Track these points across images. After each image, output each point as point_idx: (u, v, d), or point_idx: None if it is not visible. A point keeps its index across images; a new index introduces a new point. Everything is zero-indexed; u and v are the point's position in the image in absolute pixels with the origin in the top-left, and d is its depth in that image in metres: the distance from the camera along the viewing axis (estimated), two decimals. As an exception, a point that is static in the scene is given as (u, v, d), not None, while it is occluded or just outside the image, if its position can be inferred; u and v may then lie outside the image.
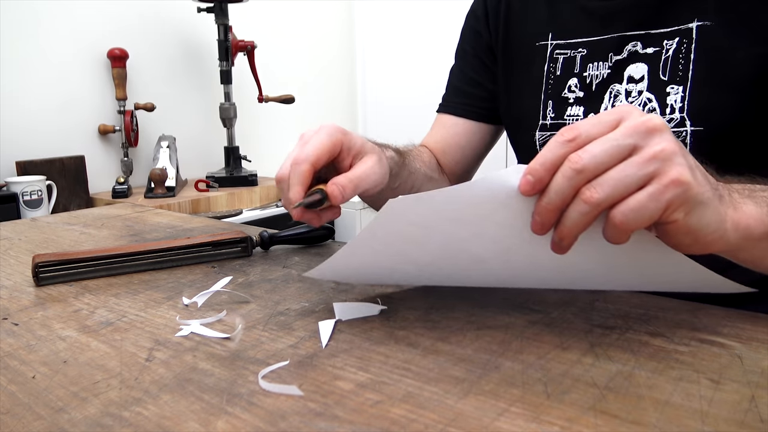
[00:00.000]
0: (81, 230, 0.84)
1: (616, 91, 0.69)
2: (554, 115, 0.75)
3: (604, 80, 0.70)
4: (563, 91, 0.74)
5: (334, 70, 2.53)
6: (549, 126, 0.76)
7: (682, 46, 0.65)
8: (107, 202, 1.63)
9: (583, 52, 0.72)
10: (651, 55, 0.67)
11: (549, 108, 0.75)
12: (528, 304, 0.49)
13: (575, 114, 0.73)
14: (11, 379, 0.39)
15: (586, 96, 0.72)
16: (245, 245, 0.67)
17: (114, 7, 1.78)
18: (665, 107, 0.65)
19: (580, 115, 0.72)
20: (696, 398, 0.34)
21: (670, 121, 0.65)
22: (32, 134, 1.64)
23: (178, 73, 1.96)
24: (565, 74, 0.74)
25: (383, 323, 0.46)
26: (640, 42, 0.67)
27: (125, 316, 0.50)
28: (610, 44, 0.70)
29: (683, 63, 0.64)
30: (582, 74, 0.72)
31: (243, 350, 0.42)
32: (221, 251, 0.66)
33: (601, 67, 0.70)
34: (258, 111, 2.16)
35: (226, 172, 1.89)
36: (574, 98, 0.73)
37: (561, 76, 0.74)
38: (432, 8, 2.31)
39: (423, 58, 2.35)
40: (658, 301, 0.49)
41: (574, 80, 0.73)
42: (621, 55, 0.69)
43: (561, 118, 0.74)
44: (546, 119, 0.76)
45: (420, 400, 0.35)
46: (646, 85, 0.67)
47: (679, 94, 0.65)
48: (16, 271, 0.64)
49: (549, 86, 0.75)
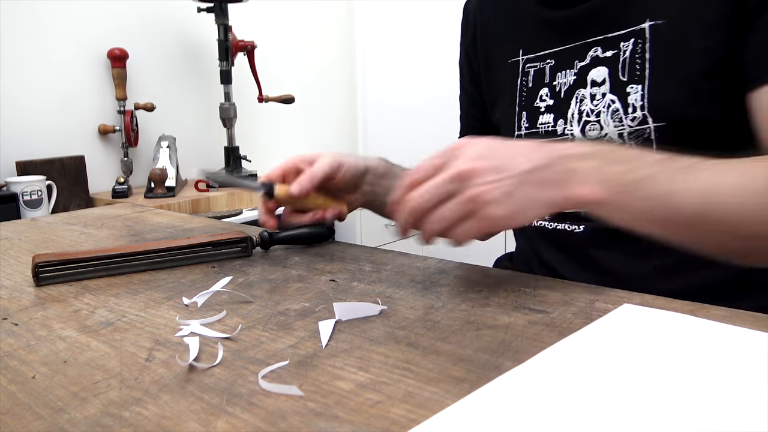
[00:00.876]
0: (81, 230, 0.84)
1: (582, 95, 0.72)
2: (528, 125, 0.78)
3: (570, 87, 0.73)
4: (535, 101, 0.77)
5: (334, 70, 2.53)
6: (524, 135, 0.79)
7: (637, 46, 0.67)
8: (107, 202, 1.63)
9: (552, 63, 0.75)
10: (610, 58, 0.69)
11: (523, 119, 0.79)
12: (528, 304, 0.49)
13: (546, 121, 0.76)
14: (11, 379, 0.39)
15: (556, 103, 0.75)
16: (245, 245, 0.67)
17: (114, 7, 1.78)
18: (627, 107, 0.68)
19: (551, 122, 0.75)
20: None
21: (633, 119, 0.67)
22: (32, 134, 1.64)
23: (178, 73, 1.96)
24: (537, 85, 0.77)
25: (383, 323, 0.46)
26: (600, 47, 0.70)
27: (125, 316, 0.50)
28: (574, 52, 0.72)
29: (640, 63, 0.67)
30: (552, 83, 0.75)
31: (243, 350, 0.42)
32: (221, 251, 0.66)
33: (568, 75, 0.73)
34: (258, 111, 2.16)
35: (226, 172, 1.89)
36: (545, 107, 0.76)
37: (532, 88, 0.78)
38: (432, 9, 2.30)
39: (423, 58, 2.35)
40: (659, 301, 0.49)
41: (545, 90, 0.76)
42: (584, 61, 0.71)
43: (534, 126, 0.77)
44: (521, 129, 0.79)
45: (420, 400, 0.35)
46: (609, 87, 0.69)
47: (638, 93, 0.66)
48: (16, 271, 0.64)
49: (522, 98, 0.79)
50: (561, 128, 0.74)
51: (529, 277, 0.57)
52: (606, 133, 0.69)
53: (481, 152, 0.50)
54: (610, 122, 0.69)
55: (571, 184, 0.50)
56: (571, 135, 0.72)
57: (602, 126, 0.70)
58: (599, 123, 0.70)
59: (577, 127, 0.72)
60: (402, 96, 2.45)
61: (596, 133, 0.70)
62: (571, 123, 0.73)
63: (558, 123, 0.74)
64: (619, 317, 0.45)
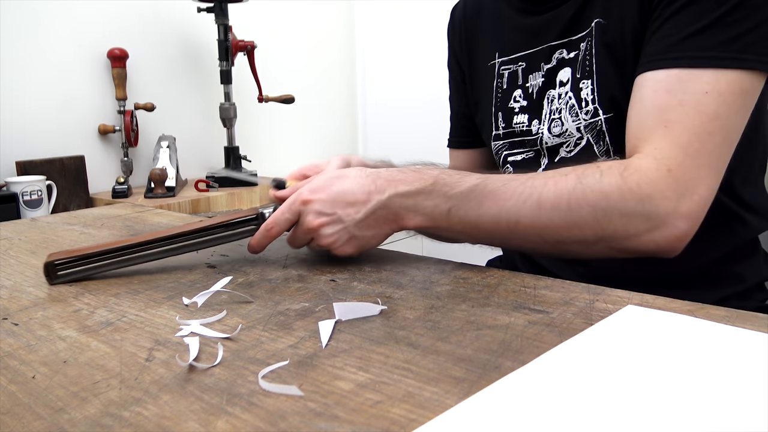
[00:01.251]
0: (81, 230, 0.84)
1: (552, 95, 0.75)
2: (504, 124, 0.81)
3: (540, 88, 0.76)
4: (509, 102, 0.80)
5: (334, 70, 2.52)
6: (501, 135, 0.82)
7: (590, 45, 0.70)
8: (107, 202, 1.63)
9: (523, 65, 0.79)
10: (572, 59, 0.72)
11: (500, 119, 0.82)
12: (528, 304, 0.49)
13: (521, 121, 0.79)
14: (11, 379, 0.39)
15: (529, 104, 0.78)
16: (259, 222, 0.64)
17: (114, 7, 1.77)
18: (581, 101, 0.71)
19: (525, 122, 0.78)
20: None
21: (587, 113, 0.70)
22: (32, 134, 1.63)
23: (178, 73, 1.96)
24: (511, 87, 0.80)
25: (383, 323, 0.46)
26: (565, 49, 0.73)
27: (125, 316, 0.50)
28: (542, 55, 0.76)
29: (589, 59, 0.70)
30: (525, 85, 0.78)
31: (243, 350, 0.42)
32: (237, 231, 0.64)
33: (537, 77, 0.77)
34: (258, 111, 2.16)
35: (226, 172, 1.89)
36: (519, 107, 0.79)
37: (507, 89, 0.81)
38: (432, 9, 2.30)
39: (423, 58, 2.35)
40: (659, 301, 0.49)
41: (519, 91, 0.79)
42: (551, 63, 0.75)
43: (510, 126, 0.80)
44: (498, 129, 0.82)
45: (420, 400, 0.35)
46: (570, 86, 0.73)
47: (589, 88, 0.70)
48: (16, 271, 0.64)
49: (498, 99, 0.82)
50: (536, 128, 0.77)
51: (529, 277, 0.57)
52: (566, 128, 0.73)
53: (318, 186, 0.60)
54: (569, 117, 0.72)
55: (399, 219, 0.61)
56: (541, 133, 0.76)
57: (563, 122, 0.73)
58: (560, 120, 0.73)
59: (546, 125, 0.75)
60: (402, 96, 2.45)
61: (559, 129, 0.74)
62: (544, 123, 0.76)
63: (533, 123, 0.77)
64: (622, 319, 0.45)
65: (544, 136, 0.76)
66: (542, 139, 0.76)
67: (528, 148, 0.79)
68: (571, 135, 0.73)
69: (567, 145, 0.74)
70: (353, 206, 0.59)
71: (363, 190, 0.59)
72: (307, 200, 0.60)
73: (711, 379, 0.36)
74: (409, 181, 0.60)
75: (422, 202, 0.59)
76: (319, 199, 0.59)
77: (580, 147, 0.72)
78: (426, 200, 0.59)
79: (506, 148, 0.82)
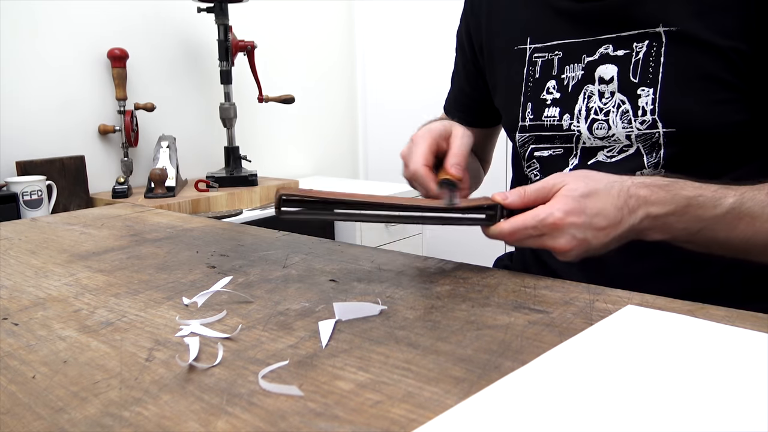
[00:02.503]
0: (81, 230, 0.84)
1: (590, 92, 0.71)
2: (533, 116, 0.77)
3: (579, 81, 0.72)
4: (542, 93, 0.76)
5: (335, 70, 2.52)
6: (528, 127, 0.78)
7: (651, 49, 0.66)
8: (107, 202, 1.63)
9: (560, 55, 0.74)
10: (621, 58, 0.68)
11: (528, 110, 0.78)
12: (528, 304, 0.49)
13: (552, 115, 0.75)
14: (11, 379, 0.39)
15: (562, 97, 0.74)
16: (493, 213, 0.59)
17: (114, 7, 1.77)
18: (637, 109, 0.67)
19: (556, 116, 0.74)
20: (696, 398, 0.34)
21: (642, 123, 0.67)
22: (32, 134, 1.63)
23: (178, 73, 1.96)
24: (544, 77, 0.76)
25: (383, 323, 0.46)
26: (611, 44, 0.69)
27: (125, 316, 0.50)
28: (583, 46, 0.72)
29: (653, 66, 0.66)
30: (560, 76, 0.74)
31: (243, 350, 0.42)
32: (467, 216, 0.60)
33: (576, 69, 0.73)
34: (258, 111, 2.16)
35: (226, 172, 1.89)
36: (552, 99, 0.75)
37: (539, 79, 0.76)
38: (432, 9, 2.31)
39: (423, 59, 2.35)
40: (659, 301, 0.49)
41: (552, 82, 0.75)
42: (593, 57, 0.71)
43: (539, 119, 0.76)
44: (525, 121, 0.78)
45: (420, 400, 0.35)
46: (617, 86, 0.69)
47: (650, 97, 0.66)
48: (16, 271, 0.64)
49: (528, 89, 0.77)
50: (567, 123, 0.73)
51: (529, 277, 0.57)
52: (613, 133, 0.69)
53: (573, 208, 0.55)
54: (619, 123, 0.69)
55: (641, 235, 0.58)
56: (578, 131, 0.72)
57: (610, 126, 0.69)
58: (607, 122, 0.70)
59: (584, 124, 0.72)
60: (402, 96, 2.45)
61: (604, 132, 0.70)
62: (578, 119, 0.72)
63: (564, 117, 0.74)
64: (622, 319, 0.45)
65: (582, 135, 0.72)
66: (578, 137, 0.73)
67: (557, 144, 0.75)
68: (618, 141, 0.69)
69: (609, 150, 0.71)
70: (604, 230, 0.56)
71: (616, 213, 0.56)
72: (560, 224, 0.55)
73: (711, 379, 0.36)
74: (662, 202, 0.57)
75: (672, 224, 0.58)
76: (574, 224, 0.55)
77: (626, 154, 0.69)
78: (677, 222, 0.58)
79: (532, 142, 0.78)
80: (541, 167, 0.78)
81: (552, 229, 0.55)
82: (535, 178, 0.78)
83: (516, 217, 0.56)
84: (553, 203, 0.56)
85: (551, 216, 0.55)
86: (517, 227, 0.56)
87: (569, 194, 0.55)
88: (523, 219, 0.56)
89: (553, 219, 0.55)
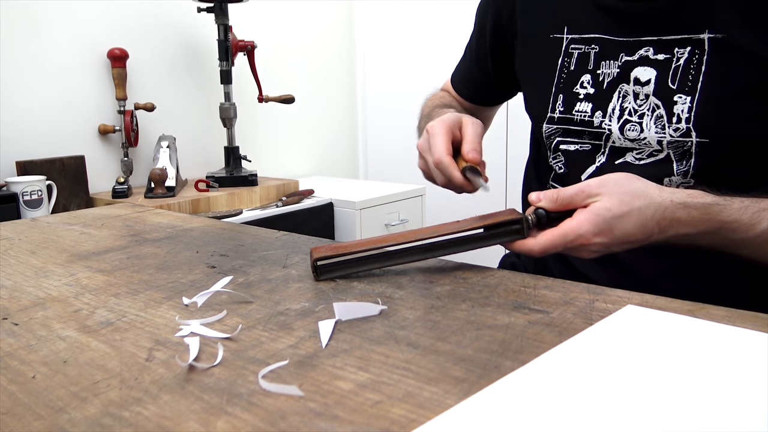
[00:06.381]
0: (81, 230, 0.84)
1: (625, 91, 0.70)
2: (563, 109, 0.75)
3: (614, 79, 0.71)
4: (575, 86, 0.74)
5: (335, 70, 2.52)
6: (557, 119, 0.76)
7: (693, 56, 0.65)
8: (107, 202, 1.63)
9: (596, 49, 0.72)
10: (661, 62, 0.67)
11: (559, 102, 0.76)
12: (528, 304, 0.49)
13: (583, 110, 0.73)
14: (11, 379, 0.39)
15: (597, 93, 0.72)
16: (520, 227, 0.59)
17: (114, 7, 1.77)
18: (672, 116, 0.66)
19: (588, 112, 0.73)
20: (696, 398, 0.34)
21: (676, 130, 0.66)
22: (32, 134, 1.63)
23: (178, 73, 1.96)
24: (579, 70, 0.74)
25: (383, 323, 0.46)
26: (652, 47, 0.68)
27: (125, 316, 0.50)
28: (623, 45, 0.70)
29: (693, 74, 0.65)
30: (595, 71, 0.72)
31: (243, 350, 0.42)
32: (495, 232, 0.60)
33: (612, 66, 0.71)
34: (258, 111, 2.16)
35: (226, 172, 1.89)
36: (585, 94, 0.73)
37: (574, 72, 0.74)
38: (432, 9, 2.30)
39: (423, 59, 2.35)
40: (659, 301, 0.49)
41: (588, 76, 0.73)
42: (632, 57, 0.69)
43: (570, 112, 0.75)
44: (555, 112, 0.76)
45: (420, 400, 0.35)
46: (653, 90, 0.67)
47: (686, 104, 0.65)
48: (16, 271, 0.64)
49: (561, 80, 0.76)
50: (598, 120, 0.72)
51: (529, 277, 0.57)
52: (645, 137, 0.68)
53: (602, 229, 0.56)
54: (653, 127, 0.67)
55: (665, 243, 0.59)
56: (609, 130, 0.71)
57: (643, 129, 0.68)
58: (640, 125, 0.68)
59: (617, 123, 0.70)
60: (402, 97, 2.45)
61: (635, 134, 0.69)
62: (611, 118, 0.71)
63: (596, 114, 0.72)
64: (622, 319, 0.45)
65: (613, 135, 0.71)
66: (608, 136, 0.71)
67: (585, 140, 0.74)
68: (648, 145, 0.68)
69: (639, 152, 0.70)
70: (629, 244, 0.58)
71: (645, 234, 0.57)
72: (587, 243, 0.56)
73: (711, 379, 0.36)
74: (695, 224, 0.57)
75: (700, 240, 0.58)
76: (601, 243, 0.56)
77: (655, 159, 0.68)
78: (705, 239, 0.58)
79: (559, 135, 0.76)
80: (566, 161, 0.76)
81: (578, 246, 0.57)
82: (559, 171, 0.78)
83: (545, 237, 0.57)
84: (582, 221, 0.56)
85: (580, 238, 0.56)
86: (546, 248, 0.57)
87: (601, 213, 0.55)
88: (553, 240, 0.57)
89: (580, 241, 0.56)
